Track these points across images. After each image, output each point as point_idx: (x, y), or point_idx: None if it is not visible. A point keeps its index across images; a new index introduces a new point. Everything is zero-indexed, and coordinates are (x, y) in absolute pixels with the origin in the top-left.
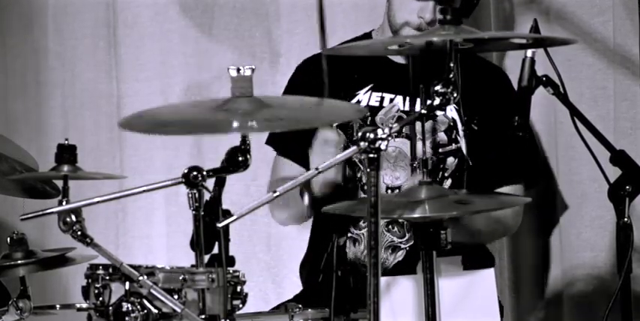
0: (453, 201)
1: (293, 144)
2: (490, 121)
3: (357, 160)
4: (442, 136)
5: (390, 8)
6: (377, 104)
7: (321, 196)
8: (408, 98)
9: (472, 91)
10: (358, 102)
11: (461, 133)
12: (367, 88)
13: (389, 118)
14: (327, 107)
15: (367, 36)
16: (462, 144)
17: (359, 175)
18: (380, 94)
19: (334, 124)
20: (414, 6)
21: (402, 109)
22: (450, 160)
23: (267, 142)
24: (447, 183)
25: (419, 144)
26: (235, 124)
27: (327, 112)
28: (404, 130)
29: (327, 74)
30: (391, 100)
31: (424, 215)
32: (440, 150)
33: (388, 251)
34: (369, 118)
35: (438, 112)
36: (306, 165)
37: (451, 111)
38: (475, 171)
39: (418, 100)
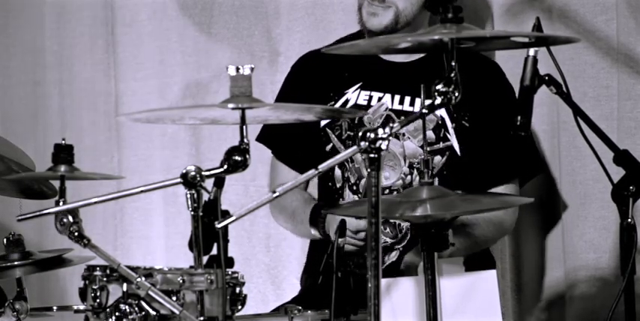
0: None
1: (290, 148)
2: (482, 117)
3: (344, 160)
4: (430, 135)
5: None
6: (365, 103)
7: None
8: (397, 96)
9: (463, 86)
10: (347, 101)
11: (450, 130)
12: (356, 87)
13: (377, 117)
14: None
15: (360, 34)
16: (453, 142)
17: (347, 175)
18: (368, 92)
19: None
20: None
21: (390, 107)
22: (437, 158)
23: (260, 140)
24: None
25: (407, 142)
26: None
27: None
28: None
29: (320, 72)
30: (379, 99)
31: (425, 214)
32: (428, 148)
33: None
34: (357, 117)
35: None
36: (303, 170)
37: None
38: (467, 169)
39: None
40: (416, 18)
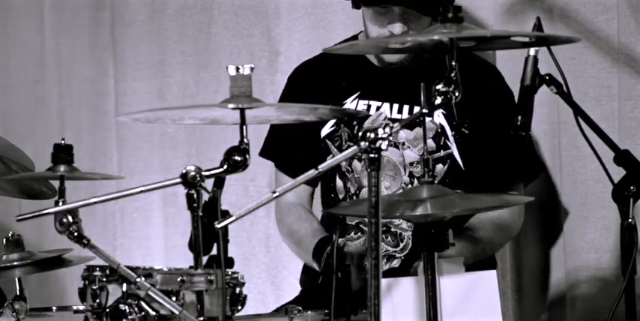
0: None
1: (292, 160)
2: (482, 123)
3: (345, 171)
4: (430, 143)
5: (364, 22)
6: None
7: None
8: (396, 105)
9: (462, 91)
10: None
11: (451, 138)
12: (354, 96)
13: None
14: None
15: (354, 39)
16: (454, 149)
17: (348, 185)
18: (367, 101)
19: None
20: (383, 21)
21: (389, 116)
22: (439, 167)
23: (263, 154)
24: None
25: (407, 152)
26: None
27: None
28: (391, 138)
29: (317, 82)
30: (378, 108)
31: (425, 213)
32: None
33: (383, 261)
34: (356, 127)
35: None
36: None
37: (439, 117)
38: (469, 176)
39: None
40: None
